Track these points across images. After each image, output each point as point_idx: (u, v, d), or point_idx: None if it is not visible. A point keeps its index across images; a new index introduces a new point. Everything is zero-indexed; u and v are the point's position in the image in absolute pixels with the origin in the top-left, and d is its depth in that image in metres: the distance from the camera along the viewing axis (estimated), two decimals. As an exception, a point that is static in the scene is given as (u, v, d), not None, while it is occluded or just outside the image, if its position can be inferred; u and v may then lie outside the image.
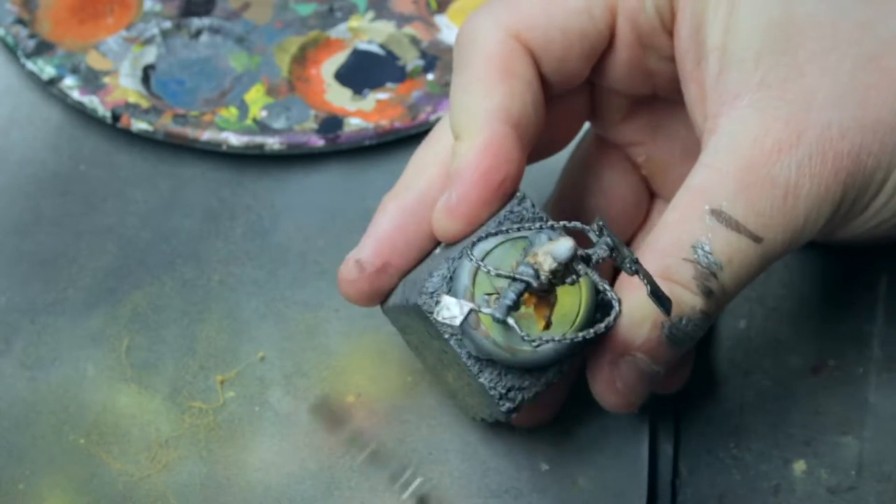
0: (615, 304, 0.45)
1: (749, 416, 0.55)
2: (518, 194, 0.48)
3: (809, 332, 0.57)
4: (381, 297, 0.50)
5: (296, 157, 0.62)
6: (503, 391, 0.46)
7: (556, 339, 0.43)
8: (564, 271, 0.43)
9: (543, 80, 0.50)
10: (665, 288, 0.45)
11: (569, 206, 0.55)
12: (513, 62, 0.49)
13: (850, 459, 0.54)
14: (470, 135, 0.48)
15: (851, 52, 0.46)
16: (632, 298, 0.46)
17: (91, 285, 0.59)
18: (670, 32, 0.49)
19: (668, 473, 0.54)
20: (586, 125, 0.55)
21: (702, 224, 0.45)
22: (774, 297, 0.58)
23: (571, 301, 0.45)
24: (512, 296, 0.43)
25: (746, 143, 0.46)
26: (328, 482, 0.53)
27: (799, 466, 0.54)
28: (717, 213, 0.45)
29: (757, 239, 0.45)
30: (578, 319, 0.45)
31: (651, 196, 0.56)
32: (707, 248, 0.45)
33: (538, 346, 0.44)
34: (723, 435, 0.55)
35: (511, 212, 0.47)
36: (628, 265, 0.44)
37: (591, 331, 0.44)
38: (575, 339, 0.44)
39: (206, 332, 0.57)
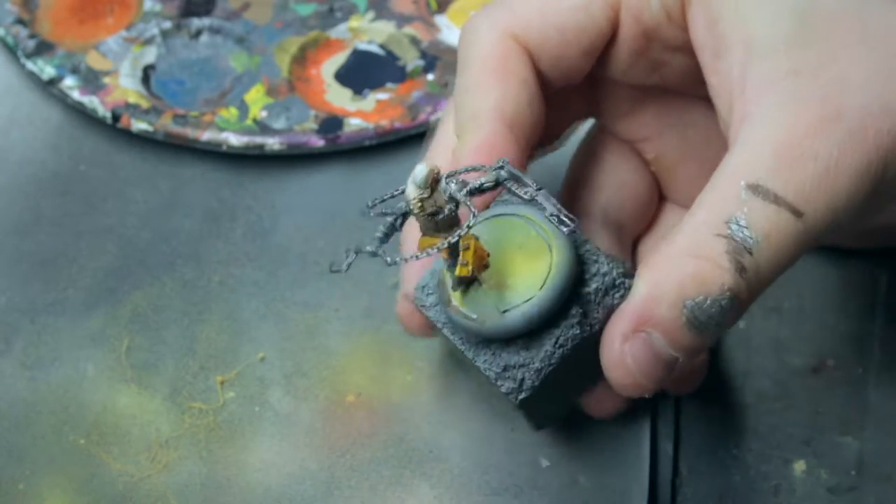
0: (564, 227, 0.44)
1: (749, 416, 0.55)
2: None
3: (809, 332, 0.57)
4: None
5: (296, 158, 0.62)
6: (499, 370, 0.46)
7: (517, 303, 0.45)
8: (432, 197, 0.43)
9: (543, 78, 0.50)
10: (692, 266, 0.43)
11: (578, 203, 0.54)
12: (508, 62, 0.49)
13: (850, 459, 0.54)
14: (467, 135, 0.48)
15: (880, 46, 0.46)
16: (652, 272, 0.44)
17: (91, 285, 0.59)
18: (678, 25, 0.49)
19: (668, 473, 0.54)
20: (591, 121, 0.55)
21: (738, 200, 0.44)
22: (774, 297, 0.58)
23: (541, 265, 0.46)
24: (381, 228, 0.45)
25: (785, 121, 0.44)
26: (328, 482, 0.53)
27: (799, 466, 0.54)
28: (754, 188, 0.44)
29: (797, 213, 0.43)
30: (547, 283, 0.45)
31: (661, 197, 0.55)
32: (743, 223, 0.43)
33: (505, 311, 0.45)
34: (723, 435, 0.55)
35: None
36: (525, 193, 0.44)
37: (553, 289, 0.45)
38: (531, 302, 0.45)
39: (206, 332, 0.57)
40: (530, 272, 0.46)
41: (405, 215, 0.45)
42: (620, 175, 0.54)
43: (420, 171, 0.43)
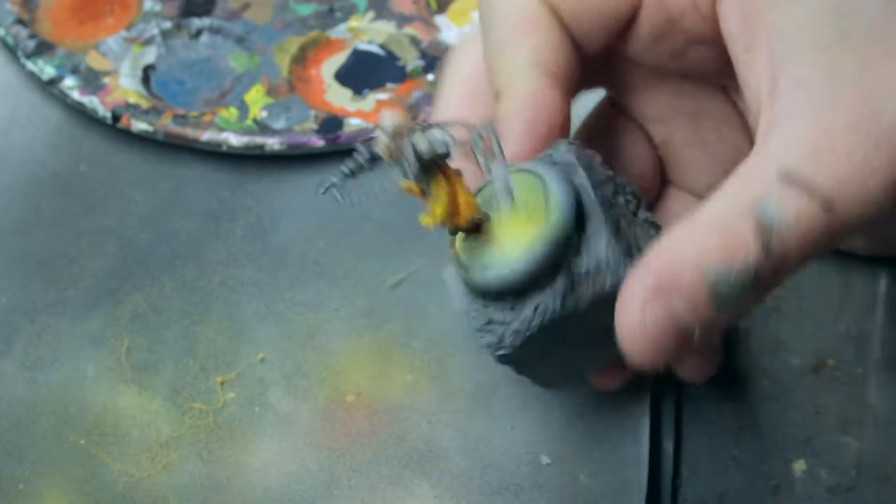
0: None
1: (749, 416, 0.55)
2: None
3: (809, 332, 0.57)
4: None
5: (296, 158, 0.62)
6: (483, 322, 0.46)
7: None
8: (398, 147, 0.43)
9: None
10: (717, 239, 0.42)
11: None
12: (540, 15, 0.47)
13: (850, 459, 0.54)
14: (508, 91, 0.47)
15: None
16: (677, 234, 0.43)
17: (91, 286, 0.59)
18: (705, 16, 0.48)
19: (669, 473, 0.54)
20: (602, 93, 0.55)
21: (769, 183, 0.42)
22: (774, 297, 0.58)
23: (536, 230, 0.44)
24: (350, 164, 0.45)
25: (822, 116, 0.43)
26: (328, 482, 0.53)
27: (799, 466, 0.54)
28: (787, 173, 0.42)
29: (829, 204, 0.43)
30: (530, 248, 0.44)
31: (665, 180, 0.55)
32: (773, 206, 0.42)
33: (486, 268, 0.45)
34: (723, 435, 0.55)
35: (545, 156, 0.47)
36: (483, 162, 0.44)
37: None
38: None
39: (206, 333, 0.57)
40: (524, 234, 0.44)
41: (374, 158, 0.44)
42: (625, 151, 0.53)
43: (387, 117, 0.42)
